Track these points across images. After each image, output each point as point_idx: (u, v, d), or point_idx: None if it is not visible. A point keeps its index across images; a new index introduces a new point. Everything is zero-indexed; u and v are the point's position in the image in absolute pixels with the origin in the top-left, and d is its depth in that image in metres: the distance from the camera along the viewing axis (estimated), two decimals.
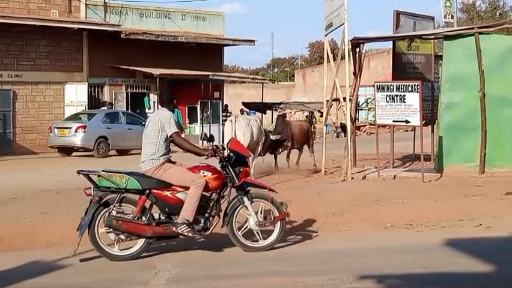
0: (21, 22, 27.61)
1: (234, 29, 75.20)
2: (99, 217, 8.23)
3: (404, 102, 13.84)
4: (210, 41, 34.19)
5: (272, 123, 36.39)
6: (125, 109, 30.78)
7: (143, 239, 8.36)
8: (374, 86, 15.11)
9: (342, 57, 15.39)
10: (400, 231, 10.00)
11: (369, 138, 29.62)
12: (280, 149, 18.25)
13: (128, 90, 32.40)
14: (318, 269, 7.51)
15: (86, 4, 30.58)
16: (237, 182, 8.61)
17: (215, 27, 35.29)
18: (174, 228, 8.27)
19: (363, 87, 29.17)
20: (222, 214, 8.61)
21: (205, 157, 8.62)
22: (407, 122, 14.11)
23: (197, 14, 34.81)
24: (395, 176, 14.58)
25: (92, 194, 8.26)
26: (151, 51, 31.42)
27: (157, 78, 30.92)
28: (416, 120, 13.85)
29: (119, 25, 30.44)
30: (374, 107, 19.32)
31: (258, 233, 8.74)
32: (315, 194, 12.79)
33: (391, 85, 14.29)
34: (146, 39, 31.32)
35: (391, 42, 17.29)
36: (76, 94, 29.77)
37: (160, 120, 8.49)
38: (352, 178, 14.45)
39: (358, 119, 36.26)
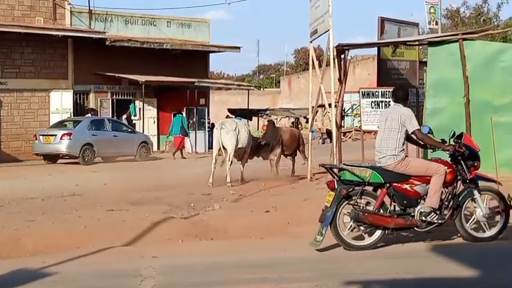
0: (6, 29, 27.45)
1: (220, 35, 75.14)
2: (341, 208, 8.58)
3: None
4: (195, 48, 34.15)
5: (258, 129, 36.45)
6: (110, 116, 30.70)
7: (380, 230, 8.72)
8: (359, 92, 15.18)
9: (328, 64, 15.44)
10: (386, 237, 10.01)
11: (355, 144, 29.67)
12: (265, 153, 17.98)
13: (114, 97, 32.33)
14: (304, 276, 7.52)
15: (71, 11, 30.50)
16: (468, 175, 8.94)
17: (200, 34, 35.26)
18: (423, 217, 8.65)
19: (348, 93, 29.22)
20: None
21: (447, 151, 9.02)
22: None
23: (182, 21, 34.78)
24: None
25: (336, 187, 8.58)
26: (136, 58, 31.33)
27: (143, 85, 30.90)
28: None
29: (104, 32, 30.36)
30: (359, 113, 19.37)
31: (484, 224, 9.05)
32: (301, 200, 12.76)
33: (376, 91, 14.39)
34: (132, 46, 31.23)
35: (376, 48, 17.36)
36: (61, 101, 29.64)
37: (400, 116, 8.77)
38: None
39: (343, 125, 36.30)
